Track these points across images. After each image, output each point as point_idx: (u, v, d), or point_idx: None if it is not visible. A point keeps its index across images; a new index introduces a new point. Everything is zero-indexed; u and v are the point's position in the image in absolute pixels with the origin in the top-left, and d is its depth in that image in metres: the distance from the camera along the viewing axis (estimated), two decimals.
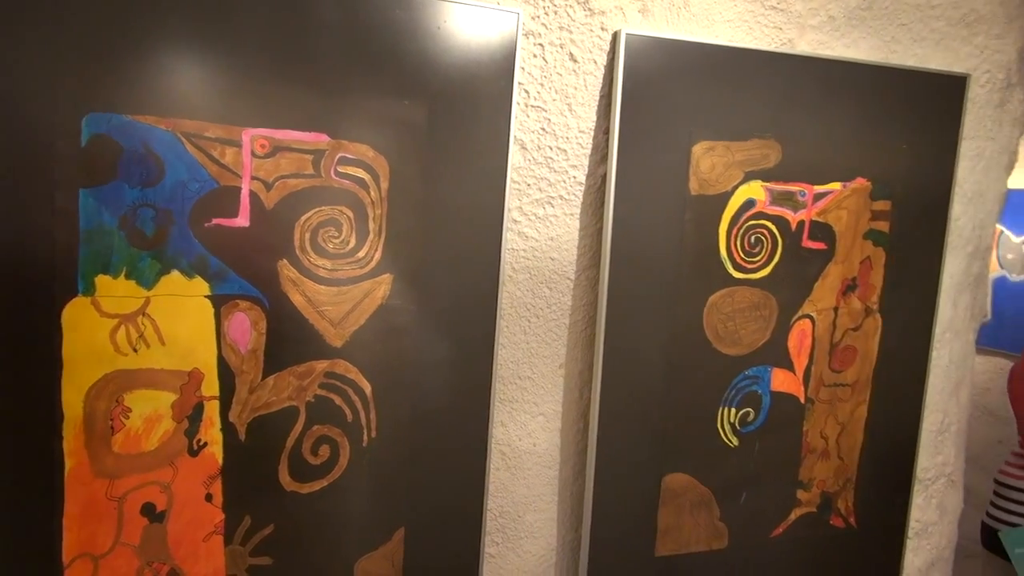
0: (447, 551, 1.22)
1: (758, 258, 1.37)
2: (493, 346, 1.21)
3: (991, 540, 2.48)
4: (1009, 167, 1.68)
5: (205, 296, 1.02)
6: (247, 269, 1.04)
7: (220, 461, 1.06)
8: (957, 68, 1.51)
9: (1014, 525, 2.41)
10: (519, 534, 1.33)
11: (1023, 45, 1.59)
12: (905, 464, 1.59)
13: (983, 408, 3.71)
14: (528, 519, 1.34)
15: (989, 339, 3.67)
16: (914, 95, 1.46)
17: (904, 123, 1.46)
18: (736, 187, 1.33)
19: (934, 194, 1.51)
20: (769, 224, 1.37)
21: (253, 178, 1.03)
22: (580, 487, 1.34)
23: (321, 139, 1.06)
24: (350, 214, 1.09)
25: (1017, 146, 1.71)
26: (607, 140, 1.26)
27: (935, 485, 1.69)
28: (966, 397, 1.75)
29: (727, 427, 1.40)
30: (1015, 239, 3.57)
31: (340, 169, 1.07)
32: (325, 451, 1.11)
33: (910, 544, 1.65)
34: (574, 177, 1.28)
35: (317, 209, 1.07)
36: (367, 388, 1.13)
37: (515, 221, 1.25)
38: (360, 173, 1.09)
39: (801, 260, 1.41)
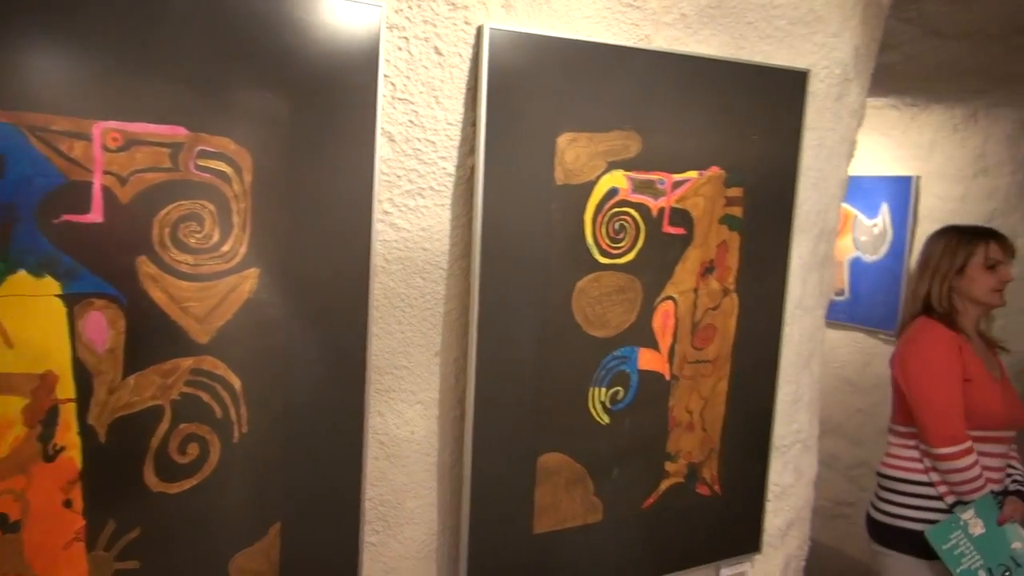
0: (326, 542, 1.23)
1: (622, 244, 1.44)
2: (366, 337, 1.22)
3: (885, 535, 2.24)
4: (849, 155, 1.83)
5: (56, 296, 0.98)
6: (102, 266, 1.01)
7: (79, 465, 1.02)
8: (799, 64, 1.63)
9: (907, 519, 2.19)
10: (400, 521, 1.35)
11: (858, 43, 1.73)
12: (763, 433, 1.71)
13: (843, 379, 4.01)
14: (409, 506, 1.36)
15: (847, 315, 3.96)
16: (761, 89, 1.57)
17: (753, 115, 1.56)
18: (599, 176, 1.40)
19: (781, 181, 1.63)
20: (632, 211, 1.44)
21: (106, 172, 1.00)
22: (459, 472, 1.38)
23: (178, 132, 1.04)
24: (212, 208, 1.07)
25: (855, 136, 1.86)
26: (475, 132, 1.29)
27: (791, 451, 1.82)
28: (817, 369, 1.90)
29: (598, 406, 1.46)
30: (867, 222, 3.87)
31: (200, 163, 1.06)
32: (194, 449, 1.09)
33: (770, 506, 1.78)
34: (444, 168, 1.30)
35: (177, 203, 1.05)
36: (236, 383, 1.12)
37: (386, 212, 1.26)
38: (221, 166, 1.07)
39: (663, 245, 1.49)
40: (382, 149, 1.23)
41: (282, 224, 1.13)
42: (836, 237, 1.90)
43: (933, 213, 3.57)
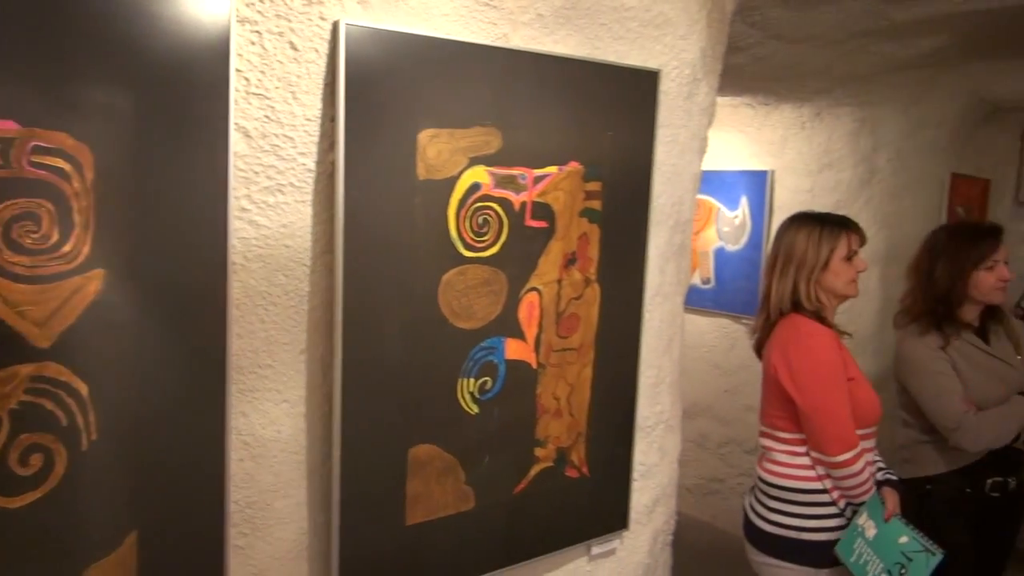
0: (188, 548, 1.20)
1: (486, 238, 1.48)
2: (226, 336, 1.20)
3: (777, 546, 2.08)
4: (700, 151, 1.95)
5: None
6: None
7: None
8: (651, 64, 1.72)
9: (804, 530, 2.04)
10: (268, 522, 1.34)
11: (704, 45, 1.84)
12: (627, 415, 1.80)
13: (711, 363, 4.24)
14: (277, 506, 1.34)
15: (713, 303, 4.19)
16: (616, 87, 1.64)
17: (609, 112, 1.64)
18: (462, 172, 1.42)
19: (637, 175, 1.71)
20: (495, 206, 1.48)
21: None
22: (328, 469, 1.37)
23: (8, 127, 0.98)
24: (50, 207, 1.02)
25: (706, 132, 1.98)
26: (334, 128, 1.29)
27: (655, 431, 1.92)
28: (678, 352, 2.01)
29: (467, 396, 1.49)
30: (729, 214, 4.10)
31: (34, 159, 1.00)
32: (37, 460, 1.04)
33: (636, 485, 1.87)
34: (304, 164, 1.29)
35: (10, 202, 0.99)
36: (83, 389, 1.07)
37: (244, 209, 1.24)
38: (59, 163, 1.02)
39: (526, 238, 1.53)
40: (237, 145, 1.21)
41: (129, 222, 1.09)
42: (692, 228, 2.01)
43: (786, 205, 3.82)
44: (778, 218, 3.86)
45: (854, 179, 3.63)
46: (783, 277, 2.09)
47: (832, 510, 2.04)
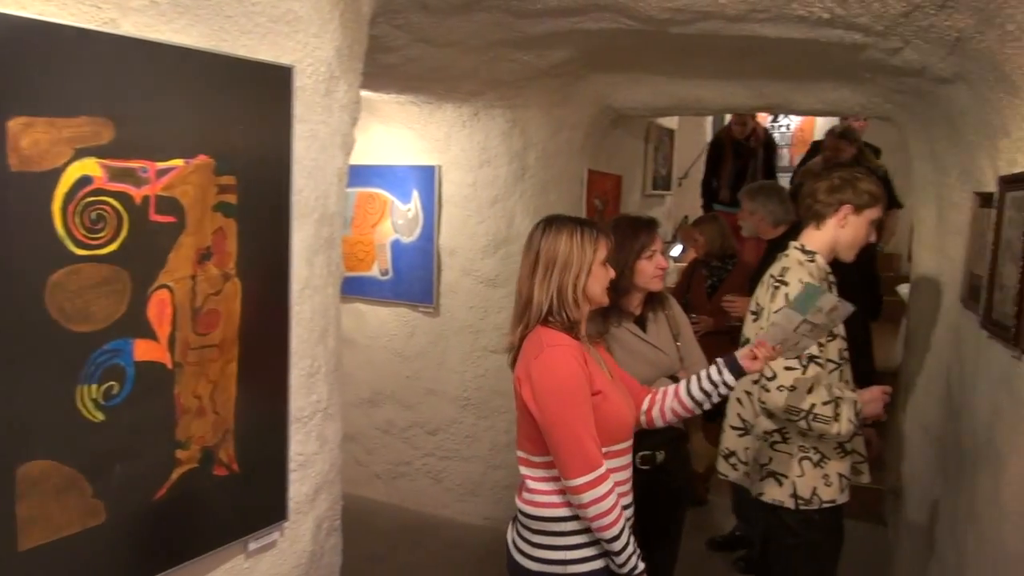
0: None
1: (102, 234, 1.39)
2: None
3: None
4: (344, 146, 2.02)
5: None
6: None
7: None
8: (284, 60, 1.74)
9: (568, 562, 1.85)
10: None
11: (340, 44, 1.91)
12: (279, 407, 1.82)
13: (393, 351, 4.38)
14: None
15: (392, 293, 4.34)
16: (247, 82, 1.64)
17: (240, 106, 1.63)
18: (67, 164, 1.33)
19: (275, 169, 1.73)
20: (111, 200, 1.40)
21: None
22: None
23: None
24: None
25: (351, 128, 2.06)
26: None
27: (312, 421, 1.96)
28: (334, 342, 2.07)
29: (89, 404, 1.40)
30: (403, 207, 4.27)
31: None
32: None
33: (294, 475, 1.89)
34: None
35: None
36: None
37: None
38: None
39: (151, 234, 1.47)
40: None
41: None
42: (341, 220, 2.07)
43: (453, 198, 4.09)
44: (448, 210, 4.11)
45: (509, 175, 4.00)
46: (545, 283, 1.89)
47: (587, 538, 1.85)
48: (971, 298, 2.75)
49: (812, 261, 2.39)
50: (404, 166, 4.22)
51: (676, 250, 6.38)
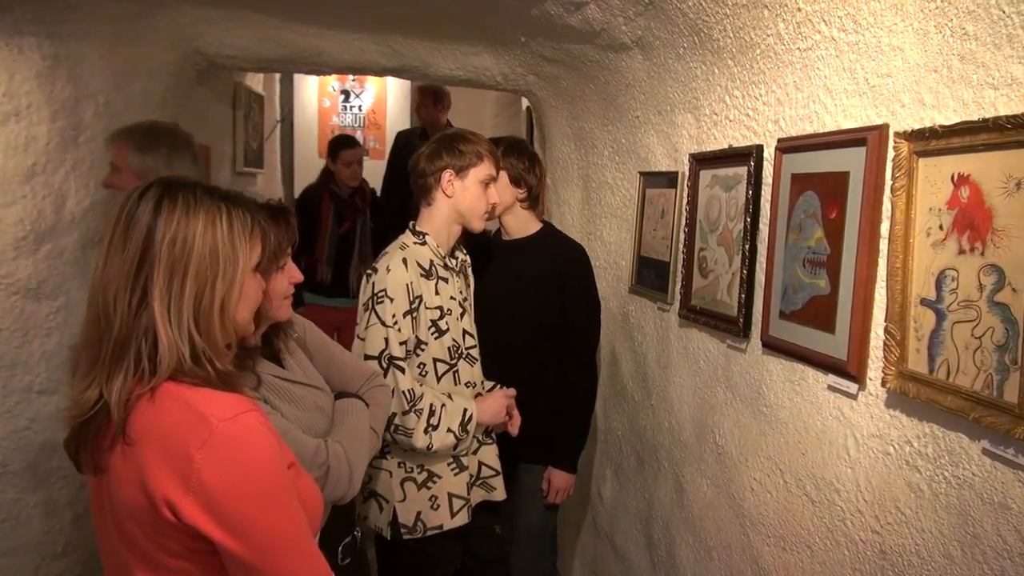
0: None
1: None
2: None
3: None
4: None
5: None
6: None
7: None
8: None
9: None
10: None
11: None
12: None
13: None
14: None
15: None
16: None
17: None
18: None
19: None
20: None
21: None
22: None
23: None
24: None
25: None
26: None
27: None
28: None
29: None
30: None
31: None
32: None
33: None
34: None
35: None
36: None
37: None
38: None
39: None
40: None
41: None
42: None
43: None
44: None
45: (55, 135, 2.78)
46: (166, 299, 1.15)
47: None
48: (643, 284, 2.61)
49: (423, 244, 2.14)
50: None
51: None
